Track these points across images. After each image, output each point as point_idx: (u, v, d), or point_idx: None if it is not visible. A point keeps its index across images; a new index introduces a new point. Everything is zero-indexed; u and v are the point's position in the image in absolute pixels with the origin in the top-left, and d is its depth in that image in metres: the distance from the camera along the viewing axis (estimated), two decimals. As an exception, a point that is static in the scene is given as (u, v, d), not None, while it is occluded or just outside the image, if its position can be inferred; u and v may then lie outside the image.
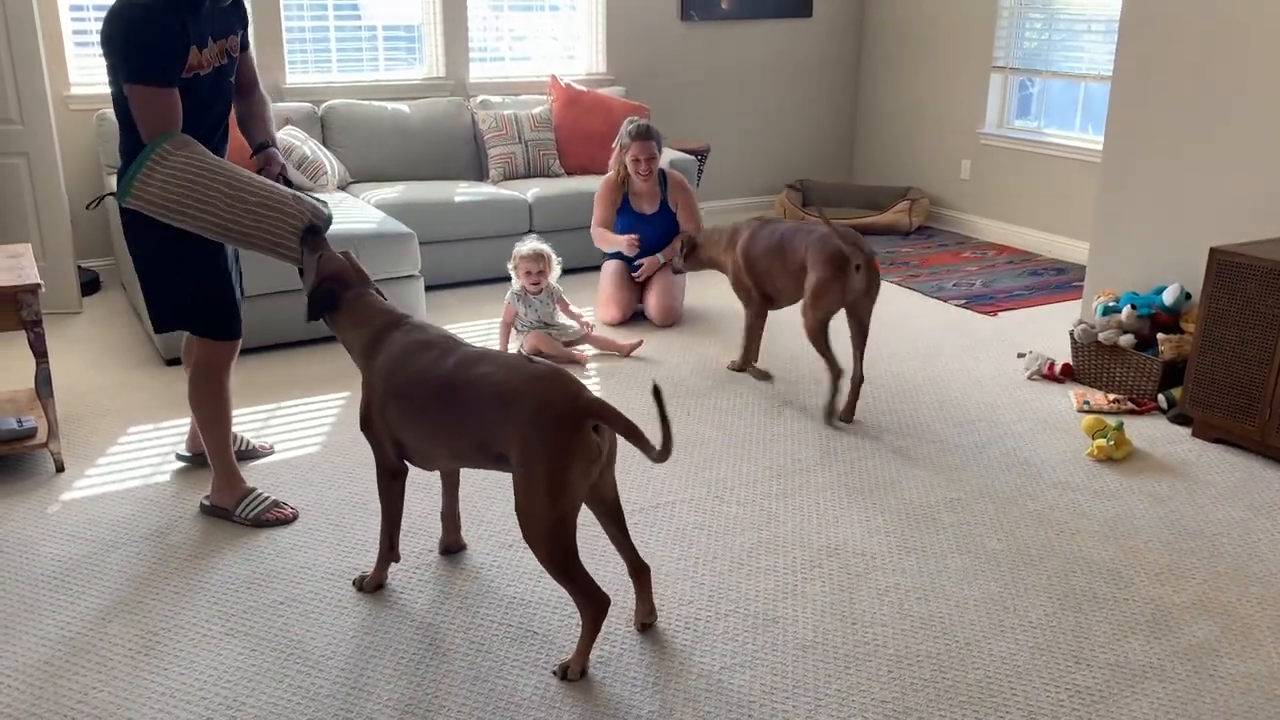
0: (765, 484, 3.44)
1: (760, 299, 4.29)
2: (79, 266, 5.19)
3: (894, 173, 7.48)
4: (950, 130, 7.03)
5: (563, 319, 4.69)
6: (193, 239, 2.89)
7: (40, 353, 3.38)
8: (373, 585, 2.83)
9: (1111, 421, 3.72)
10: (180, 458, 3.52)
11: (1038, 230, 6.54)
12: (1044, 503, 3.33)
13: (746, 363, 4.40)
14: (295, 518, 3.18)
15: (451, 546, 3.02)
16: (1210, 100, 4.10)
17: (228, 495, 3.19)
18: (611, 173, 5.07)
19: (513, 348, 4.56)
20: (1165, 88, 4.24)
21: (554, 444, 2.34)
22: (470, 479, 3.41)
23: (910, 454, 3.67)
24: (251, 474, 3.34)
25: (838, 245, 3.80)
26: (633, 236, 4.94)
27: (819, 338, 3.90)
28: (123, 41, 2.75)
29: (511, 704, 2.38)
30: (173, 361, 4.30)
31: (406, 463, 2.74)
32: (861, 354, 3.96)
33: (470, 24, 6.29)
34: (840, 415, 3.95)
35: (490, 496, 3.32)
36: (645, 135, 4.91)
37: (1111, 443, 3.62)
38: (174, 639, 2.61)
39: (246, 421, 3.85)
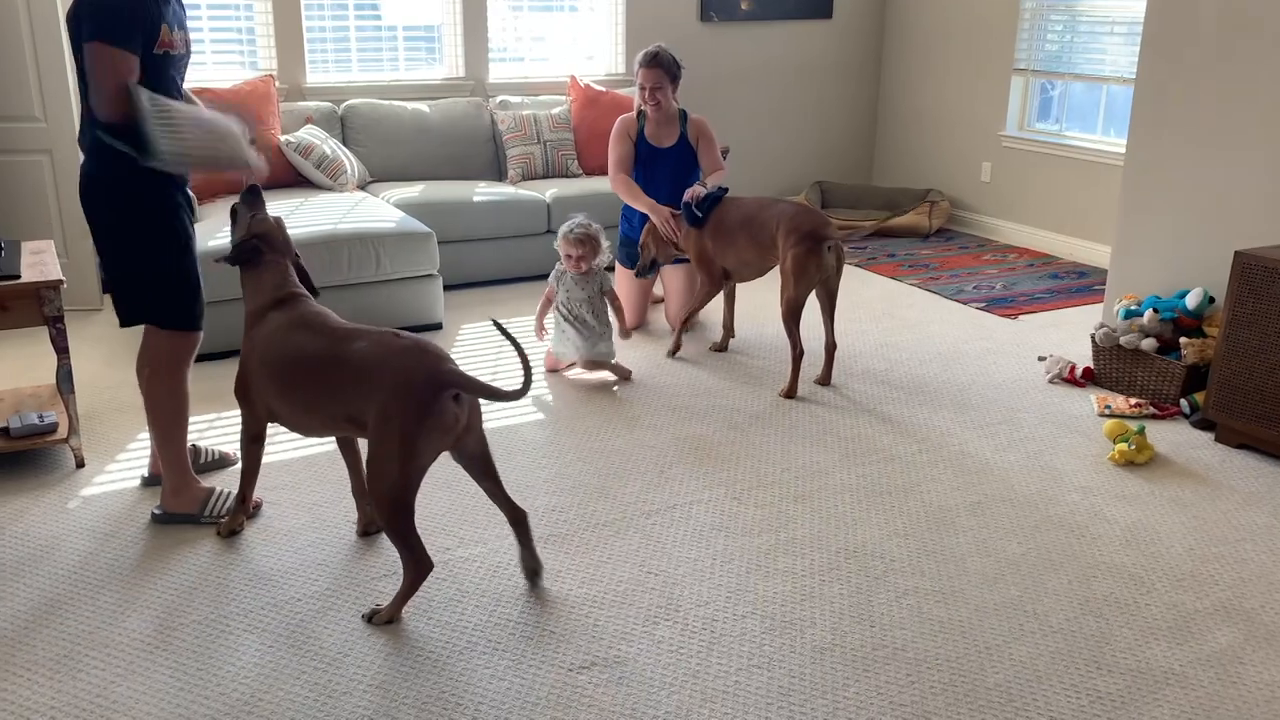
0: (783, 486, 3.43)
1: (720, 273, 4.50)
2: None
3: (914, 175, 7.45)
4: (971, 132, 6.99)
5: (601, 338, 4.31)
6: (154, 215, 2.93)
7: (62, 348, 3.40)
8: (227, 530, 3.06)
9: (1133, 426, 3.69)
10: (146, 481, 3.39)
11: (1058, 233, 6.50)
12: (1065, 507, 3.30)
13: (689, 328, 4.68)
14: (259, 506, 3.22)
15: (370, 527, 3.10)
16: (1235, 102, 4.06)
17: (188, 500, 3.16)
18: (633, 112, 4.83)
19: (542, 348, 4.54)
20: (1189, 89, 4.20)
21: (410, 412, 2.51)
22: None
23: (930, 457, 3.65)
24: (265, 473, 3.35)
25: (812, 225, 4.09)
26: (663, 213, 4.54)
27: (795, 316, 4.14)
28: (105, 3, 2.77)
29: (528, 703, 2.37)
30: (198, 358, 4.31)
31: (272, 426, 2.95)
32: (832, 322, 4.26)
33: (490, 24, 6.30)
34: (818, 380, 4.28)
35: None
36: (652, 62, 4.60)
37: (1133, 447, 3.59)
38: (192, 634, 2.62)
39: (229, 429, 3.84)
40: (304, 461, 3.55)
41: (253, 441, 2.96)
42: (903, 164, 7.57)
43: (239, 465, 3.49)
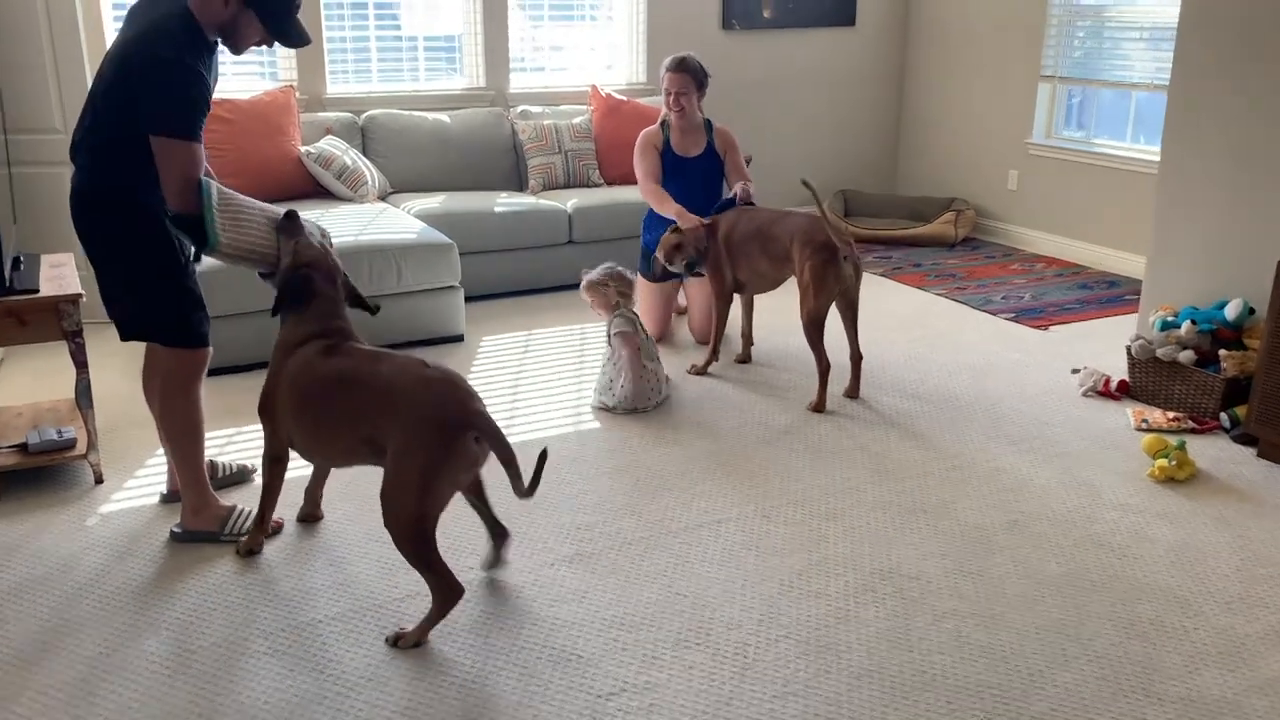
0: (813, 503, 3.34)
1: (731, 285, 4.42)
2: (120, 276, 5.18)
3: (939, 183, 7.36)
4: (997, 140, 6.90)
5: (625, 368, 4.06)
6: (149, 229, 2.87)
7: (81, 363, 3.36)
8: (246, 549, 3.00)
9: (1173, 441, 3.58)
10: (165, 498, 3.32)
11: (1087, 242, 6.39)
12: (1105, 525, 3.21)
13: (714, 357, 4.52)
14: (281, 527, 3.15)
15: (310, 516, 3.20)
16: (1273, 107, 3.96)
17: (208, 518, 3.09)
18: (656, 125, 4.80)
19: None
20: (1226, 95, 4.11)
21: (433, 446, 2.47)
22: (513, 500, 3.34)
23: (964, 473, 3.56)
24: (286, 490, 3.28)
25: (826, 236, 4.00)
26: (693, 220, 4.38)
27: (817, 328, 4.06)
28: (169, 94, 2.73)
29: (556, 731, 2.30)
30: (214, 371, 4.25)
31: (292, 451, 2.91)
32: (855, 333, 4.18)
33: (510, 34, 6.25)
34: (846, 393, 4.20)
35: (531, 514, 3.24)
36: (679, 67, 4.61)
37: (1174, 463, 3.49)
38: (211, 657, 2.55)
39: (248, 444, 3.73)
40: (325, 477, 3.49)
41: (274, 462, 2.92)
42: (927, 173, 7.48)
43: (259, 481, 3.45)
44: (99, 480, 3.44)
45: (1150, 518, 3.25)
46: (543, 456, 2.55)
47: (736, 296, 4.53)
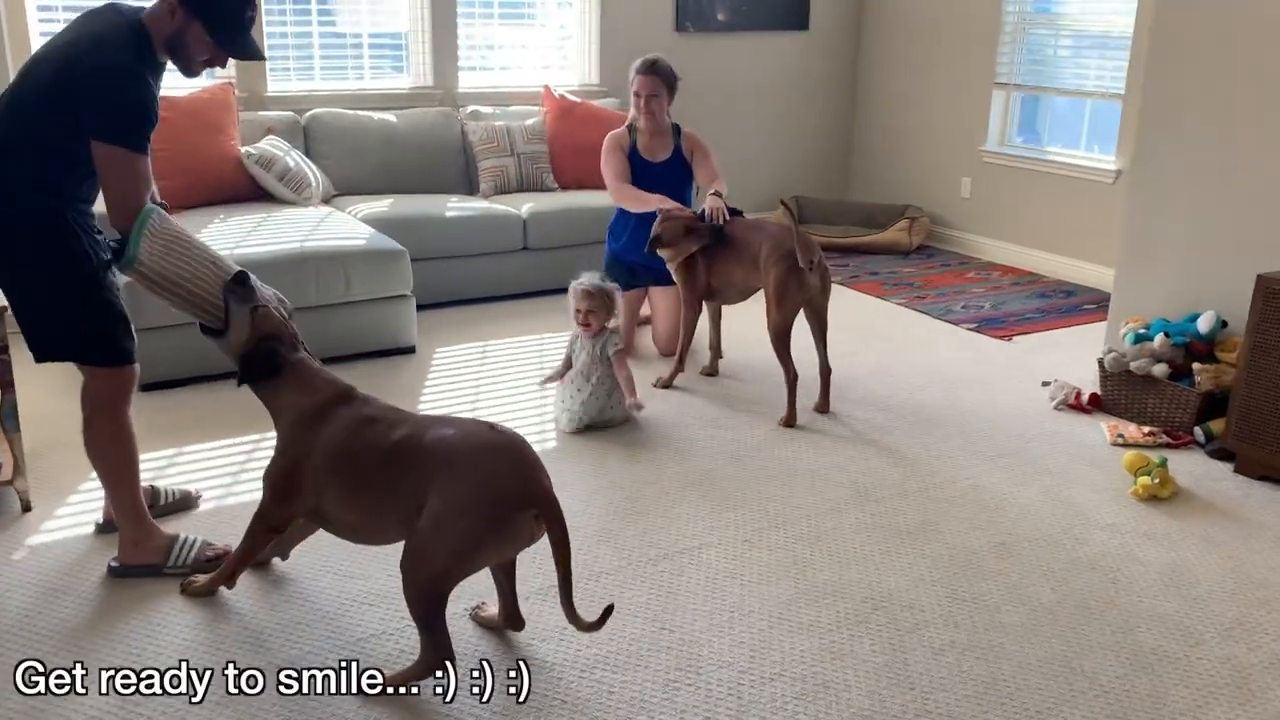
0: (794, 526, 3.21)
1: (703, 291, 4.29)
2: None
3: (892, 190, 7.30)
4: (950, 147, 6.86)
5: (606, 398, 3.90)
6: (55, 239, 2.65)
7: (6, 382, 3.09)
8: (197, 593, 2.75)
9: (1154, 458, 3.52)
10: (101, 528, 3.06)
11: (1042, 250, 6.37)
12: (1094, 548, 3.12)
13: (680, 368, 4.39)
14: (228, 551, 2.89)
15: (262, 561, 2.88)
16: (1245, 116, 3.92)
17: (149, 550, 2.84)
18: (623, 128, 4.67)
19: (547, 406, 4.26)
20: (1197, 104, 4.06)
21: (485, 519, 2.29)
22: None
23: (944, 491, 3.46)
24: (234, 515, 3.06)
25: (792, 246, 3.91)
26: (666, 202, 4.32)
27: (783, 339, 3.97)
28: (122, 101, 2.56)
29: (544, 787, 2.13)
30: (148, 387, 4.00)
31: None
32: (824, 346, 4.09)
33: (459, 32, 6.04)
34: (816, 408, 4.09)
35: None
36: (649, 70, 4.51)
37: (1156, 480, 3.42)
38: (158, 709, 2.32)
39: (190, 465, 3.56)
40: (250, 510, 3.25)
41: (270, 531, 2.65)
42: (880, 179, 7.42)
43: (204, 508, 3.23)
44: (26, 509, 3.17)
45: (1138, 538, 3.18)
46: (609, 610, 2.37)
47: (704, 306, 4.40)
